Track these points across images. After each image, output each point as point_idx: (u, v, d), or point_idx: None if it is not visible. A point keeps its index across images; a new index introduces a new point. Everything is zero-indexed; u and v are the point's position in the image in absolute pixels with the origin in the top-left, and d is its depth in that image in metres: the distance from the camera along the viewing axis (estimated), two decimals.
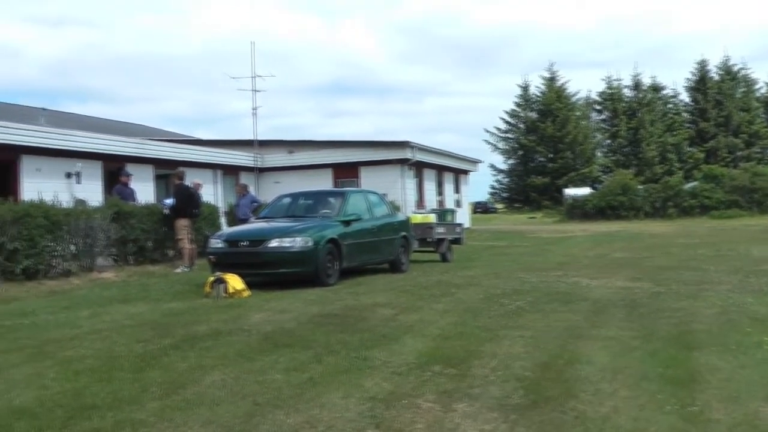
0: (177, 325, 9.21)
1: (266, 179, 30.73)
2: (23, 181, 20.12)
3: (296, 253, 13.19)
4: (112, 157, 23.12)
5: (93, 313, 10.69)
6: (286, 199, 16.46)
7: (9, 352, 7.97)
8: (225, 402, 5.61)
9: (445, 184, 36.56)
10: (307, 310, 10.16)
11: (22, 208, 14.49)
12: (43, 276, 14.63)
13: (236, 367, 6.73)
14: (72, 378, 6.61)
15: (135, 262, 17.39)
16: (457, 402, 5.54)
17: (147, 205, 18.70)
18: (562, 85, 72.90)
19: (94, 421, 5.26)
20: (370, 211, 15.87)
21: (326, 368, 6.63)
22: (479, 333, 8.26)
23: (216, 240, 14.32)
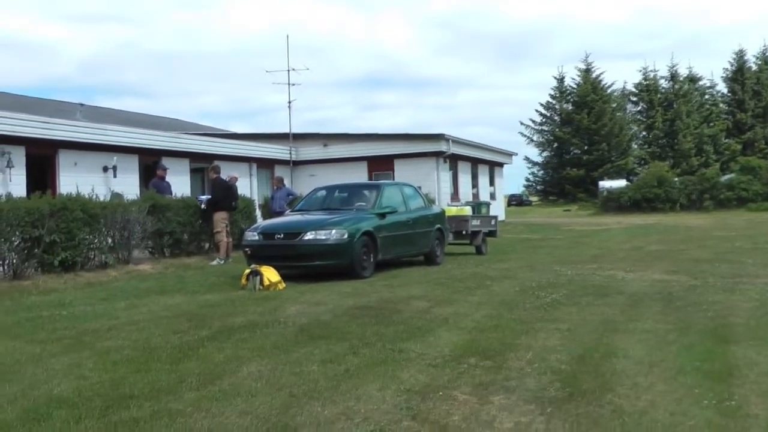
0: (213, 316, 9.29)
1: (301, 172, 30.80)
2: (61, 175, 20.34)
3: (332, 246, 13.24)
4: (148, 151, 23.31)
5: (130, 304, 10.81)
6: (322, 191, 16.50)
7: (48, 342, 8.09)
8: (261, 393, 5.65)
9: (479, 176, 36.42)
10: (343, 303, 10.21)
11: (60, 201, 14.65)
12: (81, 268, 14.79)
13: (272, 359, 6.78)
14: (110, 368, 6.70)
15: (171, 254, 17.53)
16: (493, 394, 5.54)
17: (183, 198, 18.84)
18: (598, 77, 72.17)
19: (131, 411, 5.33)
20: (405, 203, 15.88)
21: (362, 360, 6.66)
22: (515, 325, 8.25)
23: (252, 232, 14.39)
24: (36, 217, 13.78)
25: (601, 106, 68.72)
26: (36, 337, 8.43)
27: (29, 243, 13.87)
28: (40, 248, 13.94)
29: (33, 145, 19.52)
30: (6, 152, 18.60)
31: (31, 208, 13.83)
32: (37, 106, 29.80)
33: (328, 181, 20.30)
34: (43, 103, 33.82)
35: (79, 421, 5.15)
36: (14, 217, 13.42)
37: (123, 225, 15.84)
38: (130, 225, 15.99)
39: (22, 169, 19.13)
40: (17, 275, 13.66)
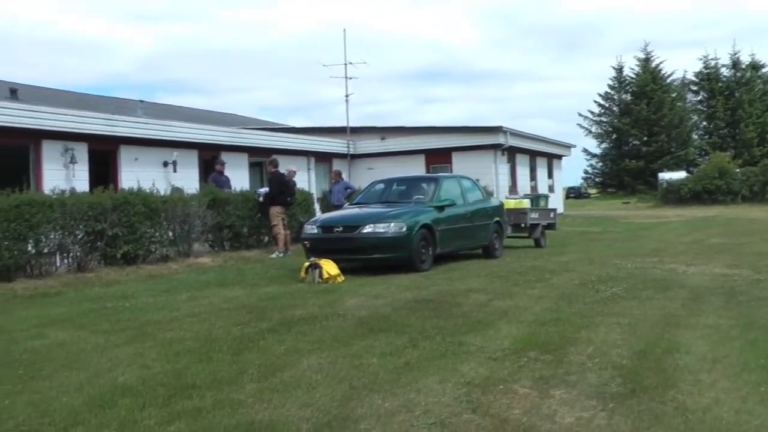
0: (273, 309, 9.37)
1: (359, 165, 30.87)
2: (122, 171, 20.67)
3: (390, 239, 13.25)
4: (208, 146, 23.57)
5: (191, 296, 10.97)
6: (380, 185, 16.50)
7: (112, 333, 8.27)
8: (322, 385, 5.68)
9: (537, 169, 36.18)
10: (402, 296, 10.22)
11: (122, 195, 14.93)
12: (142, 261, 15.06)
13: (332, 351, 6.81)
14: (172, 358, 6.81)
15: (231, 247, 17.74)
16: (554, 388, 5.50)
17: (242, 192, 19.02)
18: (657, 66, 71.12)
19: (194, 401, 5.41)
20: (463, 196, 15.82)
21: (422, 353, 6.65)
22: (575, 319, 8.19)
23: (311, 226, 14.45)
24: (99, 212, 14.08)
25: (660, 95, 67.73)
26: (100, 328, 8.63)
27: (92, 236, 14.18)
28: (103, 241, 14.23)
29: (95, 142, 19.85)
30: (69, 149, 18.94)
31: (94, 202, 14.12)
32: (99, 103, 30.33)
33: (386, 174, 20.32)
34: (105, 100, 34.35)
35: (143, 408, 5.25)
36: (78, 212, 13.73)
37: (183, 219, 16.07)
38: (190, 219, 16.22)
39: (84, 164, 19.48)
40: (81, 268, 13.96)
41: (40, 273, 13.33)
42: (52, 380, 6.23)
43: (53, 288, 12.44)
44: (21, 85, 27.27)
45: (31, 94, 26.15)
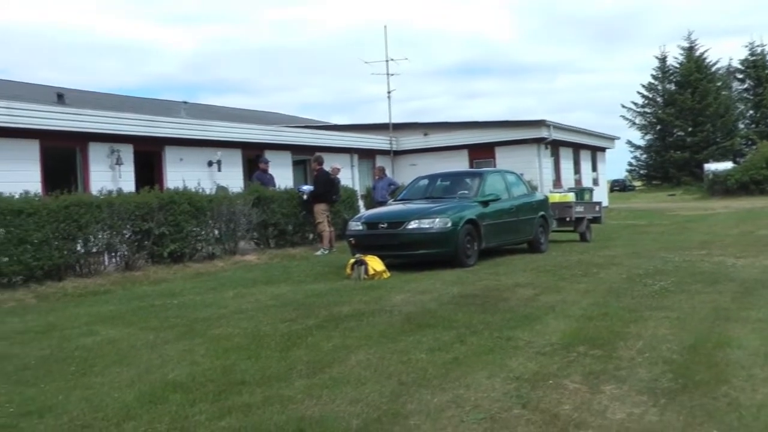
0: (320, 305, 9.41)
1: (402, 162, 30.87)
2: (167, 171, 20.89)
3: (435, 234, 13.22)
4: (251, 145, 23.72)
5: (238, 293, 11.05)
6: (424, 180, 16.49)
7: (161, 330, 8.37)
8: (370, 381, 5.70)
9: (581, 162, 35.83)
10: (448, 291, 10.20)
11: (168, 195, 15.10)
12: (189, 259, 15.21)
13: (380, 347, 6.82)
14: (221, 355, 6.88)
15: (276, 245, 17.84)
16: (604, 384, 5.46)
17: (286, 189, 19.12)
18: (702, 55, 69.91)
19: (244, 397, 5.45)
20: (508, 191, 15.74)
21: (470, 348, 6.65)
22: (623, 314, 8.12)
23: (355, 222, 14.49)
24: (145, 211, 14.26)
25: (705, 85, 66.68)
26: (149, 325, 8.75)
27: (139, 235, 14.37)
28: (150, 240, 14.40)
29: (140, 143, 20.10)
30: (115, 150, 19.19)
31: (141, 202, 14.31)
32: (143, 105, 30.61)
33: (429, 170, 20.28)
34: (149, 102, 34.67)
35: (194, 404, 5.32)
36: (125, 211, 13.91)
37: (229, 217, 16.20)
38: (235, 217, 16.35)
39: (130, 165, 19.72)
40: (129, 266, 14.15)
41: (89, 272, 13.52)
42: (103, 376, 6.33)
43: (102, 286, 12.62)
44: (67, 89, 27.58)
45: (76, 98, 26.46)
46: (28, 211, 12.37)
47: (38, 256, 12.44)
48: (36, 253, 12.40)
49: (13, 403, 5.67)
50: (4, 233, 12.06)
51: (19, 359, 7.26)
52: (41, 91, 26.45)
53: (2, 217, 12.05)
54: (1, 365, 7.05)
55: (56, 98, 24.29)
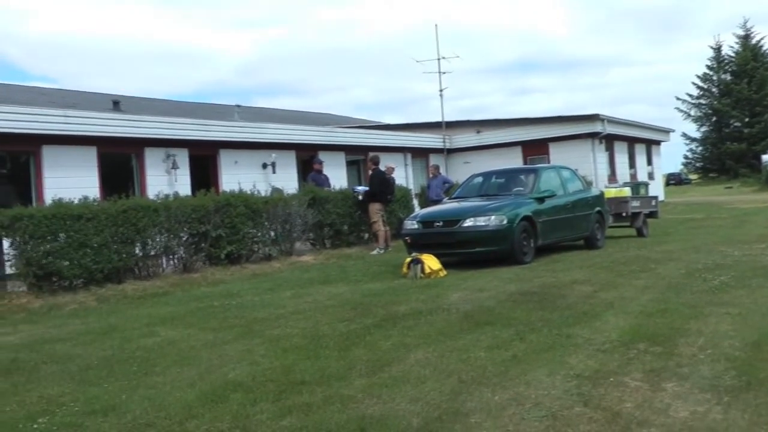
0: (377, 304, 9.42)
1: (455, 160, 30.79)
2: (222, 174, 21.12)
3: (491, 232, 13.17)
4: (305, 146, 23.87)
5: (295, 294, 11.12)
6: (478, 178, 16.42)
7: (220, 330, 8.47)
8: (430, 379, 5.69)
9: (636, 156, 35.36)
10: (505, 288, 10.15)
11: (224, 198, 15.25)
12: (246, 260, 15.33)
13: (439, 346, 6.81)
14: (280, 355, 6.93)
15: (332, 245, 17.91)
16: (665, 381, 5.38)
17: (341, 190, 19.19)
18: (758, 43, 68.58)
19: (304, 396, 5.48)
20: (563, 187, 15.62)
21: (529, 346, 6.61)
22: (683, 310, 8.00)
23: (411, 221, 14.49)
24: (202, 214, 14.40)
25: (762, 73, 65.35)
26: (208, 325, 8.85)
27: (197, 238, 14.52)
28: (207, 242, 14.55)
29: (195, 147, 20.34)
30: (171, 155, 19.46)
31: (198, 205, 14.47)
32: (197, 110, 31.00)
33: (483, 167, 20.22)
34: (203, 106, 35.06)
35: (255, 404, 5.36)
36: (182, 214, 14.08)
37: (284, 218, 16.31)
38: (291, 218, 16.45)
39: (186, 169, 19.98)
40: (187, 268, 14.30)
41: (148, 274, 13.71)
42: (165, 376, 6.42)
43: (161, 288, 12.79)
44: (122, 96, 28.01)
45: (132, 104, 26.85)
46: (87, 216, 12.60)
47: (98, 260, 12.65)
48: (96, 256, 12.62)
49: (78, 402, 5.78)
50: (64, 238, 12.29)
51: (82, 359, 7.40)
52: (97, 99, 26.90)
53: (62, 222, 12.28)
54: (65, 365, 7.19)
55: (112, 105, 24.69)
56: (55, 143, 17.32)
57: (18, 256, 12.15)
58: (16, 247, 12.14)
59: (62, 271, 12.29)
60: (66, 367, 7.13)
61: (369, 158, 19.14)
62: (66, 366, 7.16)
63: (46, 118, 17.28)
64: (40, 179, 17.22)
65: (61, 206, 12.57)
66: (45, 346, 8.28)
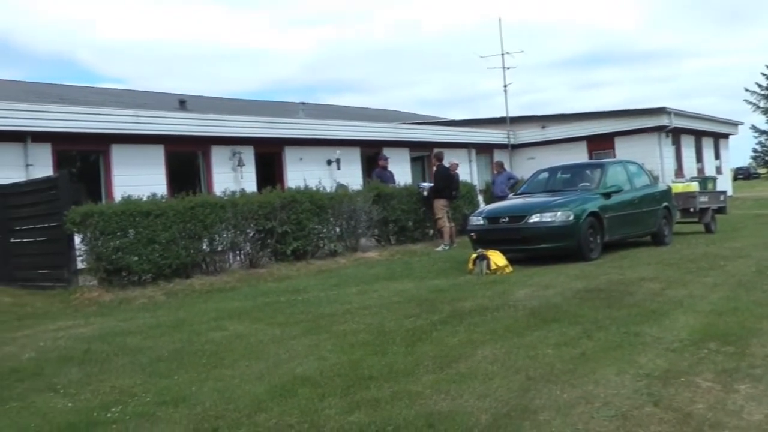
0: (443, 301, 9.42)
1: (520, 155, 30.63)
2: (287, 170, 21.32)
3: (557, 228, 13.06)
4: (369, 143, 23.95)
5: (361, 290, 11.16)
6: (544, 173, 16.28)
7: (287, 325, 8.56)
8: (498, 376, 5.68)
9: (704, 150, 34.69)
10: (572, 285, 10.06)
11: (290, 194, 15.38)
12: (311, 256, 15.44)
13: (506, 342, 6.79)
14: (347, 350, 6.97)
15: (396, 241, 17.94)
16: (738, 382, 5.29)
17: (405, 186, 19.20)
18: None
19: (372, 391, 5.51)
20: (630, 182, 15.40)
21: (597, 344, 6.55)
22: (755, 308, 7.87)
23: (476, 217, 14.44)
24: (268, 210, 14.54)
25: None
26: (275, 320, 8.94)
27: (263, 234, 14.66)
28: (273, 239, 14.67)
29: (261, 144, 20.59)
30: (237, 152, 19.72)
31: (264, 202, 14.61)
32: (262, 108, 31.24)
33: (547, 163, 20.07)
34: (268, 104, 35.32)
35: (323, 398, 5.40)
36: (249, 211, 14.23)
37: (349, 214, 16.38)
38: (356, 214, 16.52)
39: (251, 166, 20.24)
40: (253, 264, 14.45)
41: (215, 269, 13.89)
42: (233, 369, 6.52)
43: (228, 283, 12.94)
44: (188, 96, 28.37)
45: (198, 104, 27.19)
46: (155, 212, 12.82)
47: (166, 255, 12.87)
48: (164, 252, 12.83)
49: (150, 393, 5.93)
50: (134, 234, 12.52)
51: (152, 352, 7.57)
52: (164, 99, 27.31)
53: (132, 219, 12.51)
54: (136, 357, 7.36)
55: (179, 105, 25.04)
56: (124, 142, 17.70)
57: (89, 251, 12.43)
58: (87, 243, 12.41)
59: (131, 266, 12.53)
60: (137, 358, 7.30)
61: (433, 154, 19.12)
62: (137, 358, 7.33)
63: (116, 118, 17.71)
64: (109, 177, 17.59)
65: (130, 203, 12.81)
66: (116, 338, 8.48)
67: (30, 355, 7.90)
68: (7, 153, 16.04)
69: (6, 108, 16.15)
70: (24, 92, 23.93)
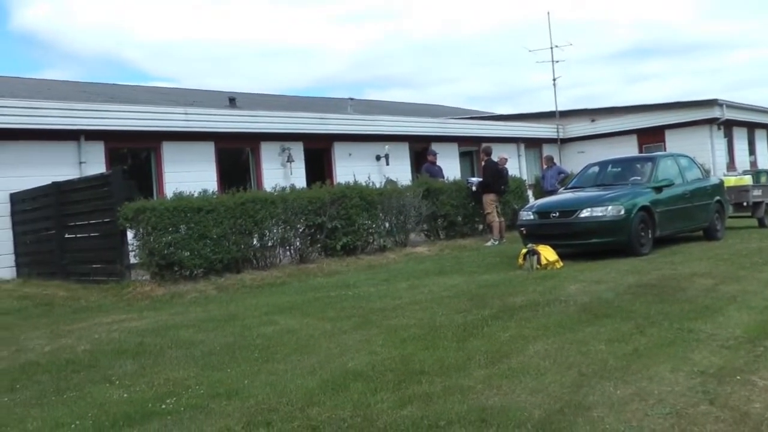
0: (493, 296, 9.39)
1: (569, 149, 30.43)
2: (336, 166, 21.42)
3: (608, 223, 12.94)
4: (417, 138, 24.01)
5: (411, 285, 11.16)
6: (594, 168, 16.12)
7: (338, 320, 8.59)
8: (550, 372, 5.65)
9: (756, 142, 34.03)
10: (623, 281, 9.96)
11: (339, 190, 15.44)
12: (361, 251, 15.49)
13: (557, 338, 6.76)
14: (398, 345, 6.98)
15: (446, 236, 17.93)
16: None
17: (454, 181, 19.18)
18: None
19: (423, 386, 5.50)
20: (681, 175, 15.19)
21: (650, 340, 6.48)
22: None
23: (526, 212, 14.36)
24: (318, 206, 14.61)
25: None
26: (326, 315, 8.98)
27: (313, 229, 14.75)
28: (323, 234, 14.73)
29: (310, 140, 20.75)
30: (286, 148, 19.88)
31: (314, 197, 14.68)
32: (310, 104, 31.46)
33: (597, 156, 19.93)
34: (316, 101, 35.52)
35: (375, 393, 5.42)
36: (299, 207, 14.30)
37: (399, 210, 16.40)
38: (405, 209, 16.54)
39: (301, 162, 20.40)
40: (303, 259, 14.54)
41: (265, 264, 14.00)
42: (285, 363, 6.57)
43: (278, 278, 13.02)
44: (238, 93, 28.62)
45: (247, 101, 27.44)
46: (207, 208, 12.94)
47: (217, 250, 12.98)
48: (215, 247, 12.95)
49: (203, 386, 6.01)
50: (185, 229, 12.65)
51: (204, 345, 7.66)
52: (214, 97, 27.59)
53: (183, 215, 12.64)
54: (189, 350, 7.47)
55: (228, 102, 25.27)
56: (174, 139, 17.95)
57: (141, 246, 12.60)
58: (140, 239, 12.58)
59: (183, 261, 12.67)
60: (190, 351, 7.40)
61: (481, 149, 19.08)
62: (190, 351, 7.43)
63: (166, 116, 17.99)
64: (160, 174, 17.85)
65: (181, 199, 12.95)
66: (169, 331, 8.61)
67: (85, 347, 8.07)
68: (62, 151, 16.43)
69: (60, 107, 16.55)
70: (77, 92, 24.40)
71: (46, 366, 7.27)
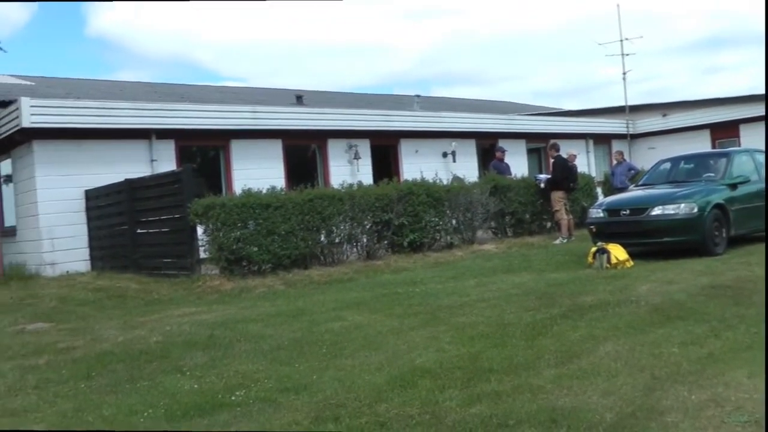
0: (563, 294, 9.27)
1: (639, 145, 29.94)
2: (403, 163, 21.43)
3: (681, 221, 12.63)
4: (485, 135, 23.89)
5: (479, 282, 11.10)
6: (666, 164, 15.71)
7: (405, 316, 8.58)
8: (622, 373, 5.54)
9: None
10: (697, 281, 9.70)
11: (406, 186, 15.45)
12: (428, 248, 15.49)
13: (629, 339, 6.63)
14: (466, 342, 6.94)
15: (513, 233, 17.81)
16: None
17: (522, 178, 19.03)
18: None
19: (492, 384, 5.47)
20: (757, 172, 14.59)
21: (725, 343, 6.29)
22: None
23: (596, 210, 14.10)
24: (385, 203, 14.65)
25: None
26: (393, 312, 8.98)
27: (380, 226, 14.79)
28: (390, 231, 14.76)
29: (376, 137, 20.79)
30: (353, 145, 19.96)
31: (381, 194, 14.72)
32: (377, 101, 31.51)
33: (668, 152, 19.50)
34: (382, 98, 35.55)
35: (443, 390, 5.40)
36: (366, 203, 14.36)
37: (466, 207, 16.35)
38: (472, 206, 16.48)
39: (367, 159, 20.45)
40: (370, 255, 14.60)
41: (333, 261, 14.07)
42: (353, 359, 6.59)
43: (346, 274, 13.06)
44: (305, 91, 28.79)
45: (314, 99, 27.57)
46: (275, 205, 13.08)
47: (285, 246, 13.10)
48: (283, 243, 13.08)
49: (271, 379, 6.07)
50: (254, 225, 12.78)
51: (273, 339, 7.74)
52: (281, 95, 27.77)
53: (252, 211, 12.79)
54: (258, 344, 7.55)
55: (295, 100, 25.42)
56: (243, 137, 18.16)
57: (211, 242, 12.78)
58: (209, 234, 12.76)
59: (252, 256, 12.81)
60: (258, 345, 7.48)
61: (549, 145, 18.86)
62: (258, 345, 7.51)
63: (235, 115, 18.23)
64: (229, 171, 18.06)
65: (250, 196, 13.10)
66: (238, 325, 8.71)
67: (157, 338, 8.23)
68: (134, 149, 16.78)
69: (132, 107, 16.89)
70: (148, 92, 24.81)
71: (120, 355, 7.45)
